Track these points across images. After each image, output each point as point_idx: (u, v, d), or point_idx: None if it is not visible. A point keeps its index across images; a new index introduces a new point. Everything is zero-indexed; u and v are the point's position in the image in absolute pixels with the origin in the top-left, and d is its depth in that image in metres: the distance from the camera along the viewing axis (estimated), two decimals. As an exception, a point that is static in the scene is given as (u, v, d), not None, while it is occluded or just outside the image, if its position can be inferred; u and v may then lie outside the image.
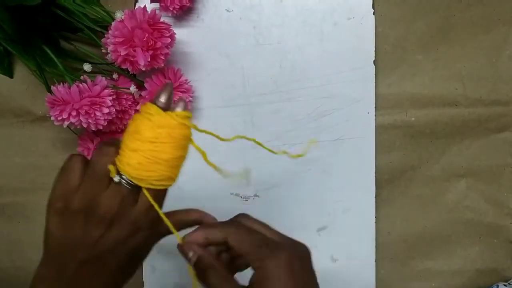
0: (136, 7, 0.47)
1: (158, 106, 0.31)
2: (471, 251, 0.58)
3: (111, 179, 0.31)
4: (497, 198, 0.57)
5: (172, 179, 0.32)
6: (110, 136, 0.52)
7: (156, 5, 0.50)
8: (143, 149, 0.30)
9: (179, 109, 0.31)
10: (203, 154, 0.32)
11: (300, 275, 0.31)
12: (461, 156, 0.57)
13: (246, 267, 0.35)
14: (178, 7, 0.49)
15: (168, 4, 0.48)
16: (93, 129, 0.46)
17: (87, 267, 0.31)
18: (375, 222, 0.55)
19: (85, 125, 0.45)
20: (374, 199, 0.55)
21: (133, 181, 0.31)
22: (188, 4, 0.49)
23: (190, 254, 0.33)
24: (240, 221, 0.35)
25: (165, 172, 0.31)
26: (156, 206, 0.32)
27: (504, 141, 0.56)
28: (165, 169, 0.31)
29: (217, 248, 0.35)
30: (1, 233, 0.58)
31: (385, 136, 0.55)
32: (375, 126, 0.55)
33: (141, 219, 0.32)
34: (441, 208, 0.58)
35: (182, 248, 0.33)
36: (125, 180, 0.31)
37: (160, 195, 0.33)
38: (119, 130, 0.52)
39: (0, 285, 0.59)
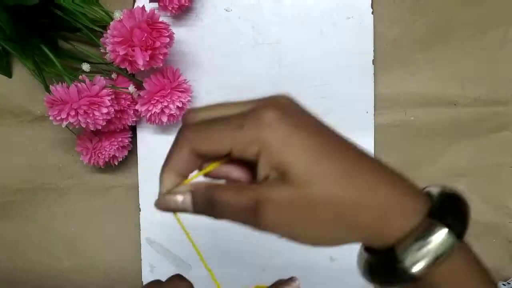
0: (134, 7, 0.47)
1: None
2: (470, 251, 0.58)
3: None
4: (496, 198, 0.57)
5: None
6: (109, 136, 0.51)
7: (155, 4, 0.50)
8: None
9: None
10: None
11: (300, 121, 0.23)
12: (460, 156, 0.57)
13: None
14: (177, 6, 0.49)
15: (167, 4, 0.48)
16: (92, 129, 0.46)
17: None
18: (374, 222, 0.55)
19: (83, 125, 0.45)
20: (373, 198, 0.55)
21: None
22: (187, 4, 0.49)
23: (180, 198, 0.24)
24: (187, 120, 0.25)
25: None
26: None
27: (503, 140, 0.56)
28: None
29: None
30: (-1, 233, 0.58)
31: (384, 135, 0.55)
32: (374, 125, 0.55)
33: None
34: (440, 208, 0.58)
35: (163, 201, 0.25)
36: None
37: None
38: (118, 130, 0.51)
39: (-1, 285, 0.59)
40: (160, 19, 0.44)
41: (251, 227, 0.23)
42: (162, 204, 0.25)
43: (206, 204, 0.24)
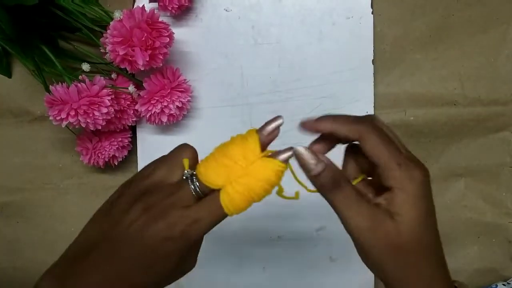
0: (134, 7, 0.47)
1: (260, 136, 0.30)
2: (470, 251, 0.58)
3: (182, 176, 0.30)
4: (496, 198, 0.57)
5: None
6: (109, 136, 0.51)
7: (155, 4, 0.50)
8: (221, 162, 0.29)
9: (280, 157, 0.30)
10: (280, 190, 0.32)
11: (431, 205, 0.29)
12: (460, 156, 0.57)
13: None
14: (177, 6, 0.49)
15: (167, 4, 0.48)
16: (92, 128, 0.46)
17: (109, 248, 0.28)
18: (374, 222, 0.55)
19: (83, 125, 0.45)
20: (373, 198, 0.55)
21: (205, 182, 0.29)
22: (187, 4, 0.49)
23: (313, 161, 0.29)
24: (374, 122, 0.30)
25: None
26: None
27: (503, 140, 0.56)
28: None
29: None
30: (-1, 233, 0.58)
31: (383, 135, 0.55)
32: (374, 125, 0.55)
33: (177, 227, 0.28)
34: (440, 208, 0.57)
35: (300, 151, 0.29)
36: (196, 182, 0.29)
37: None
38: (118, 130, 0.51)
39: (-2, 285, 0.59)
40: (160, 19, 0.45)
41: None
42: (299, 150, 0.30)
43: (329, 181, 0.29)
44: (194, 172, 0.30)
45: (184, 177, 0.30)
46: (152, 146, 0.55)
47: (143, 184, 0.30)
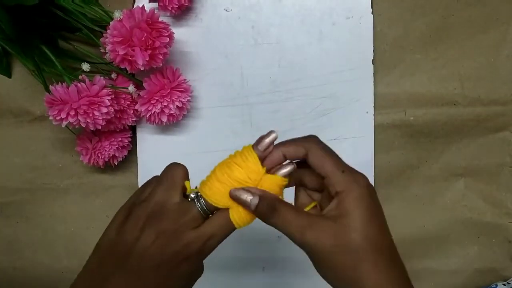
0: (134, 7, 0.47)
1: (256, 152, 0.32)
2: (470, 251, 0.58)
3: (183, 194, 0.32)
4: (496, 198, 0.57)
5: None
6: (109, 136, 0.51)
7: (155, 4, 0.50)
8: (229, 184, 0.31)
9: (280, 173, 0.32)
10: None
11: (377, 206, 0.30)
12: (460, 156, 0.57)
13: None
14: (177, 6, 0.49)
15: (167, 4, 0.48)
16: (92, 128, 0.46)
17: (123, 277, 0.29)
18: (374, 222, 0.55)
19: (83, 125, 0.45)
20: (373, 198, 0.55)
21: (212, 203, 0.31)
22: (187, 4, 0.50)
23: (249, 197, 0.30)
24: (317, 139, 0.32)
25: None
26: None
27: (503, 140, 0.56)
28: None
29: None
30: (-1, 233, 0.58)
31: (384, 135, 0.55)
32: (374, 125, 0.55)
33: (194, 247, 0.30)
34: (440, 208, 0.58)
35: (236, 193, 0.31)
36: (203, 202, 0.31)
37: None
38: (118, 130, 0.51)
39: (-2, 285, 0.59)
40: (160, 19, 0.45)
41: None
42: (234, 192, 0.31)
43: (268, 210, 0.30)
44: (199, 193, 0.32)
45: (189, 199, 0.32)
46: (152, 146, 0.55)
47: (147, 207, 0.31)
